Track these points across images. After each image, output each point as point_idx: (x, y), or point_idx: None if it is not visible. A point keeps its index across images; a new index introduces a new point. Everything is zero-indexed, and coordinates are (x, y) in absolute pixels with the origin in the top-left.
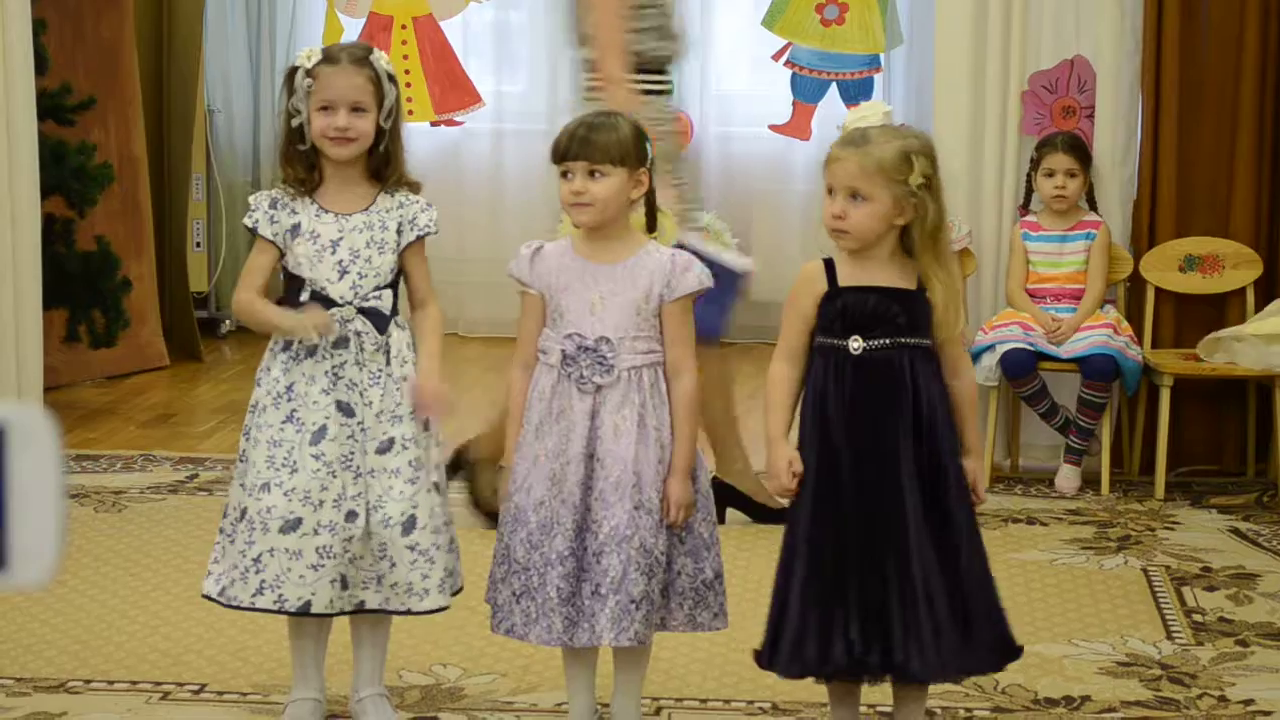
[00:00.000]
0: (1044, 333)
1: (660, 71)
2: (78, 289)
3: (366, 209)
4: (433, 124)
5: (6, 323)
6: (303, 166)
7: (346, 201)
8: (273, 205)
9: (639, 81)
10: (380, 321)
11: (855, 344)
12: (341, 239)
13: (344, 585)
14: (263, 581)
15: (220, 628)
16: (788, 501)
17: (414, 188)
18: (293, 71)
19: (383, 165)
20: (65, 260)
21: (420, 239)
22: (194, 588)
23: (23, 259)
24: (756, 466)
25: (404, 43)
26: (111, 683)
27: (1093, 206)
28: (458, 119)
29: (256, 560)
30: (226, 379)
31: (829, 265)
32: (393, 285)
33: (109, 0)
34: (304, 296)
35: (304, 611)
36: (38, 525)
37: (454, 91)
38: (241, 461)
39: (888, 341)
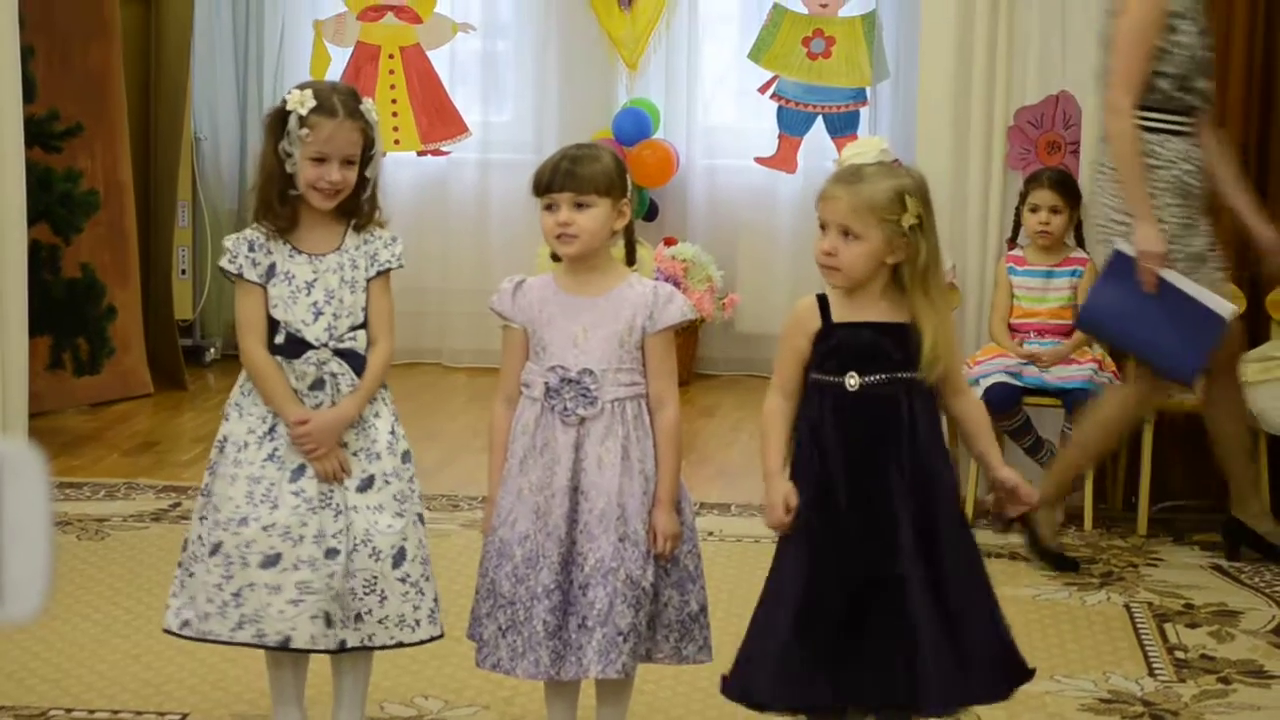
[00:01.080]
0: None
1: (1182, 113)
2: (63, 316)
3: (338, 248)
4: (419, 154)
5: None
6: (286, 209)
7: (318, 241)
8: (251, 248)
9: (1154, 119)
10: (356, 363)
11: (852, 381)
12: (316, 280)
13: (328, 623)
14: (243, 616)
15: (201, 656)
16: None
17: (380, 223)
18: (282, 113)
19: (360, 211)
20: (50, 287)
21: (382, 273)
22: None
23: (8, 286)
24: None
25: (391, 72)
26: (92, 711)
27: (1080, 243)
28: (444, 149)
29: (236, 595)
30: (210, 407)
31: (822, 301)
32: (366, 324)
33: (97, 27)
34: (279, 338)
35: (284, 646)
36: (27, 558)
37: (441, 122)
38: (204, 495)
39: (884, 377)
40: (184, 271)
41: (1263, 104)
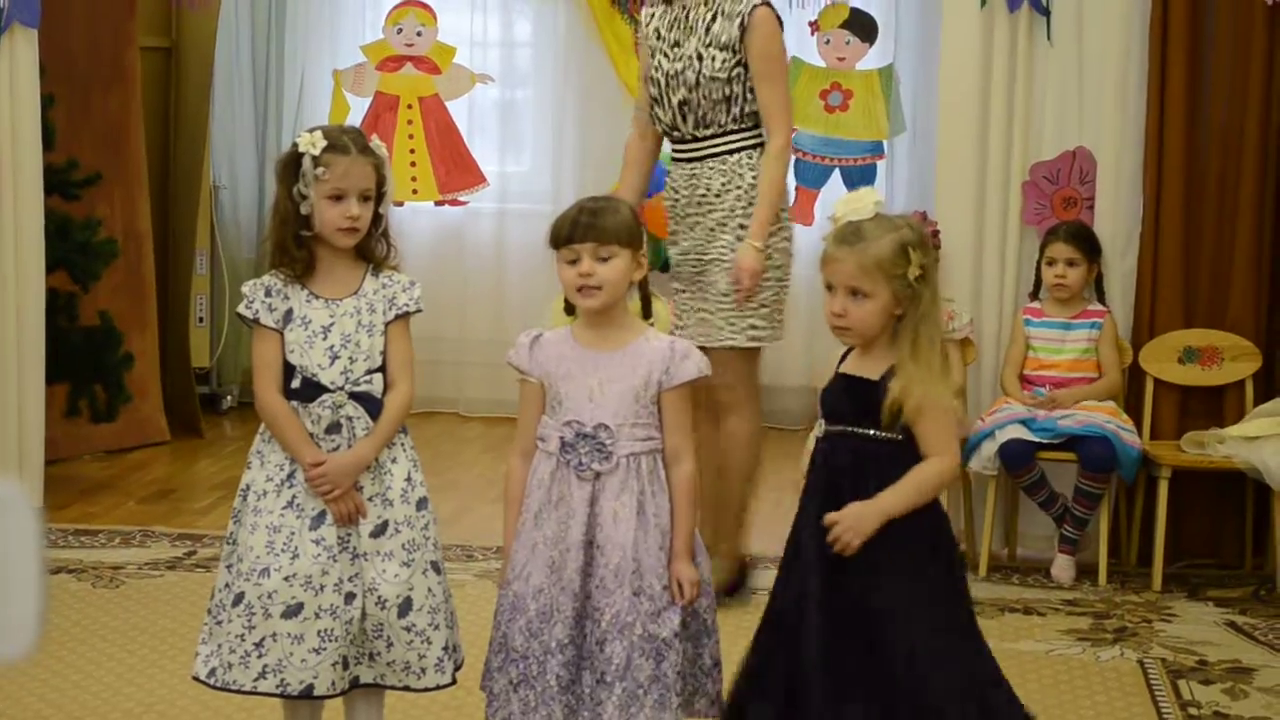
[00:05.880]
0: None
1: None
2: (80, 364)
3: (355, 292)
4: (437, 204)
5: (9, 396)
6: (303, 253)
7: (335, 286)
8: (268, 293)
9: None
10: (372, 406)
11: (819, 429)
12: (333, 324)
13: (344, 665)
14: (265, 666)
15: (216, 706)
16: None
17: (395, 265)
18: (295, 157)
19: (377, 250)
20: (68, 335)
21: (401, 317)
22: (190, 665)
23: (26, 333)
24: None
25: (409, 122)
26: None
27: (1100, 296)
28: (462, 199)
29: (259, 645)
30: (227, 455)
31: (845, 354)
32: (384, 368)
33: (116, 76)
34: (295, 383)
35: (307, 695)
36: (18, 599)
37: (458, 171)
38: (230, 544)
39: (839, 430)
40: (201, 319)
41: (1275, 198)
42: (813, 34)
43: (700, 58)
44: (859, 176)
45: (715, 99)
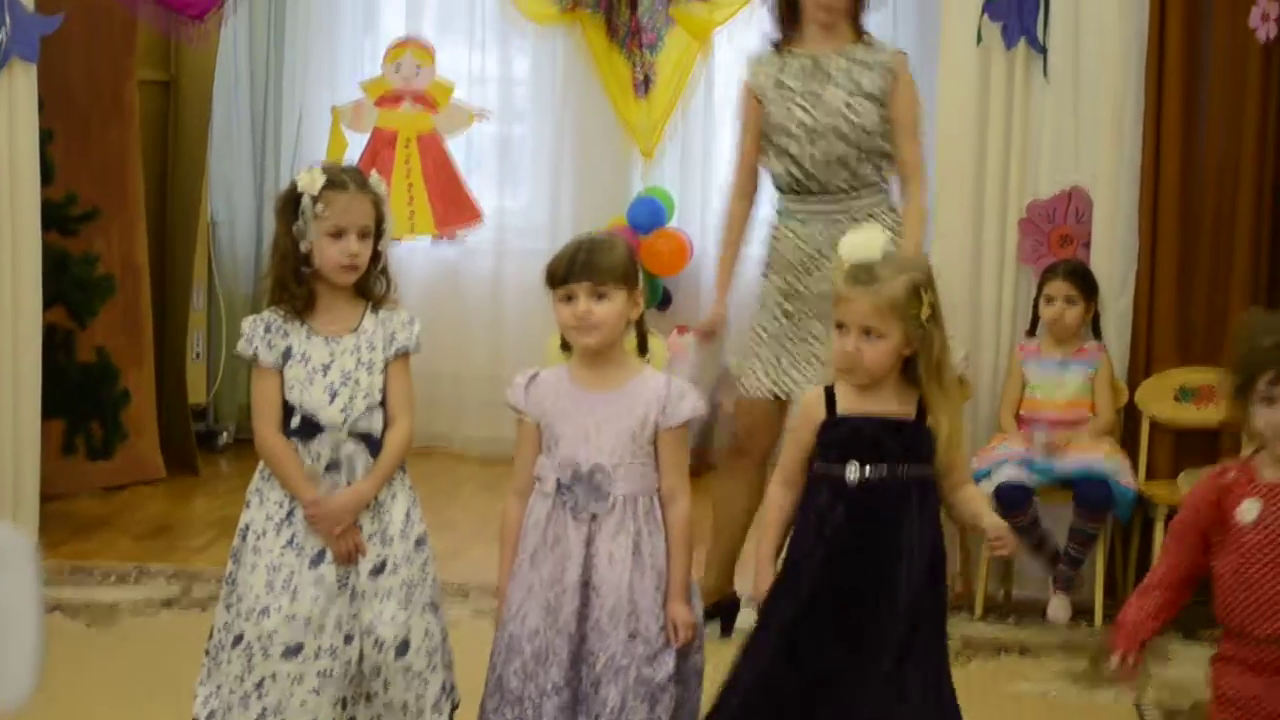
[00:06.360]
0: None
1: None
2: (77, 400)
3: (355, 330)
4: (434, 240)
5: (5, 432)
6: (302, 290)
7: (335, 323)
8: (268, 330)
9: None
10: (372, 444)
11: (852, 473)
12: (332, 362)
13: (343, 706)
14: (264, 708)
15: None
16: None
17: (393, 302)
18: (294, 195)
19: (377, 287)
20: (65, 371)
21: (400, 355)
22: (186, 705)
23: (23, 369)
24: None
25: (407, 159)
26: None
27: (1097, 334)
28: (459, 235)
29: (259, 685)
30: (223, 493)
31: (829, 393)
32: (383, 405)
33: (115, 110)
34: (294, 421)
35: None
36: (18, 644)
37: (456, 208)
38: (229, 584)
39: (885, 470)
40: (198, 355)
41: (1271, 236)
42: None
43: (851, 108)
44: None
45: (867, 150)
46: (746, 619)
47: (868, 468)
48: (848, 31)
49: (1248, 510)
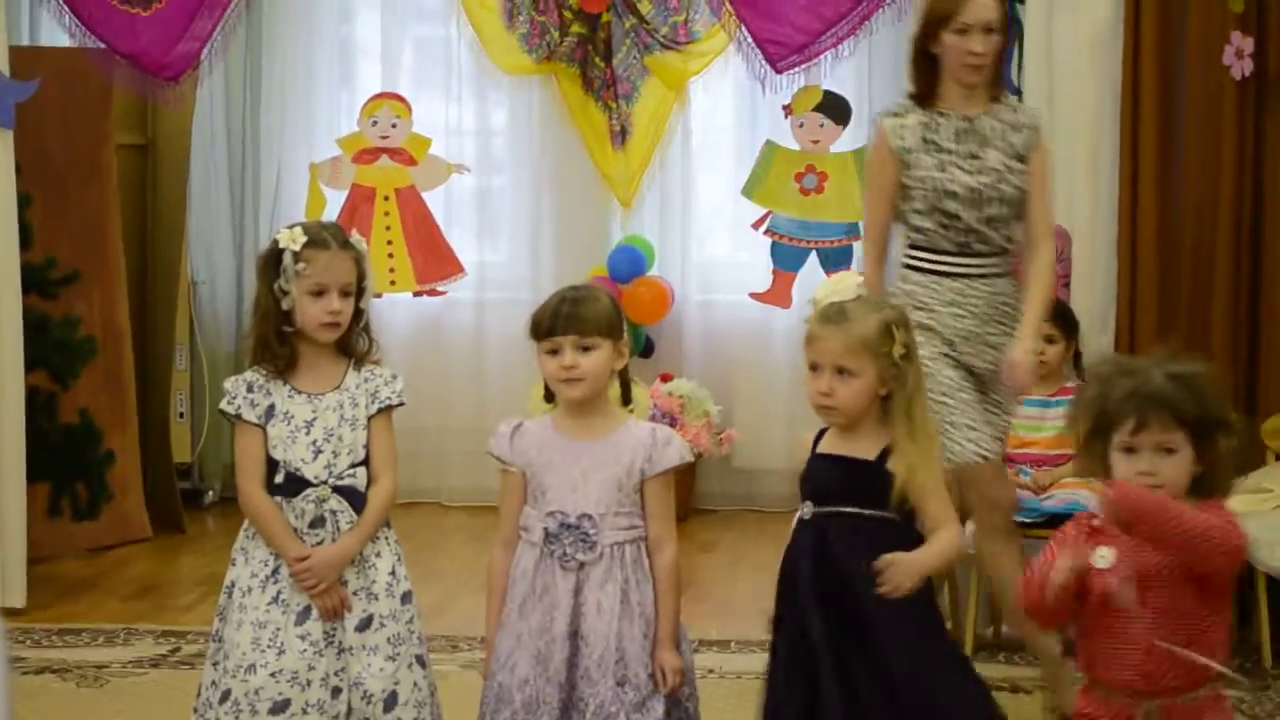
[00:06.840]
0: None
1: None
2: (61, 462)
3: (338, 387)
4: (415, 294)
5: None
6: (285, 348)
7: (317, 380)
8: (250, 389)
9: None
10: (356, 500)
11: (806, 510)
12: (315, 419)
13: None
14: None
15: None
16: None
17: (376, 359)
18: (275, 253)
19: (359, 345)
20: (48, 433)
21: (383, 411)
22: None
23: (6, 432)
24: None
25: (386, 214)
26: None
27: (1079, 373)
28: (440, 289)
29: None
30: (209, 551)
31: (820, 435)
32: (367, 461)
33: (93, 172)
34: (278, 478)
35: None
36: None
37: (436, 261)
38: (215, 641)
39: (829, 510)
40: (182, 415)
41: (1250, 273)
42: (786, 117)
43: (1010, 170)
44: (836, 258)
45: (1017, 210)
46: None
47: (820, 507)
48: (985, 90)
49: (1102, 558)
